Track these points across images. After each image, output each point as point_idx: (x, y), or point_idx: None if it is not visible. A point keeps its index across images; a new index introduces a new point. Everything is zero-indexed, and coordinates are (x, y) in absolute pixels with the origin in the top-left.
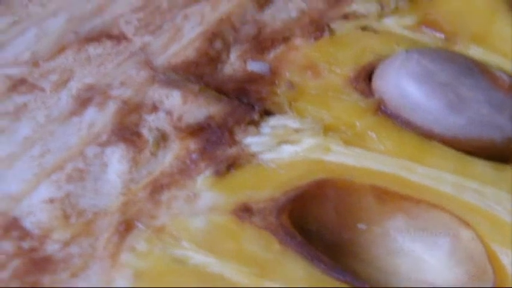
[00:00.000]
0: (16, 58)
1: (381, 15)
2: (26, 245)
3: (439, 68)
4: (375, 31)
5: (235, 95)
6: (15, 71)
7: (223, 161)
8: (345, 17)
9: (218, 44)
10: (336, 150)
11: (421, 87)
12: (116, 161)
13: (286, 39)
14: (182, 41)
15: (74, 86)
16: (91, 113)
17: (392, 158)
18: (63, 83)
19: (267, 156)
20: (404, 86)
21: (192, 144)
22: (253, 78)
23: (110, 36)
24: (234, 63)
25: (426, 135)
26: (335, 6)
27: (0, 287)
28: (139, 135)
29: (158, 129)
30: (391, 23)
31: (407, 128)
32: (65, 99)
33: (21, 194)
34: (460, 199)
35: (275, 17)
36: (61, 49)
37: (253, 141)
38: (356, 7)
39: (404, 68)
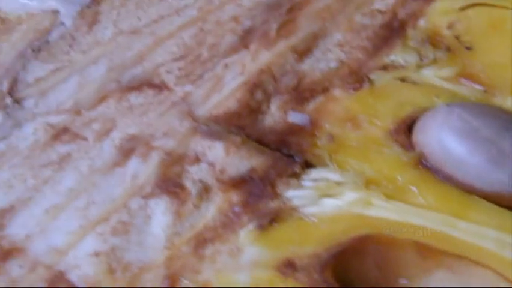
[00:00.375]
0: (59, 106)
1: (420, 67)
2: None
3: (481, 123)
4: (414, 82)
5: (276, 147)
6: (58, 120)
7: (265, 214)
8: (384, 68)
9: (259, 95)
10: (378, 204)
11: (463, 143)
12: (161, 214)
13: (325, 90)
14: (224, 91)
15: (117, 136)
16: (134, 164)
17: (434, 213)
18: (105, 133)
19: (309, 209)
20: (446, 141)
21: (235, 197)
22: (294, 130)
23: (151, 85)
24: (275, 114)
25: (468, 190)
26: (374, 56)
27: None
28: (182, 187)
29: (201, 181)
30: (430, 74)
31: (449, 183)
32: (107, 149)
33: (67, 247)
34: (502, 256)
35: (314, 67)
36: (103, 98)
37: (295, 195)
38: (394, 58)
39: (445, 123)
